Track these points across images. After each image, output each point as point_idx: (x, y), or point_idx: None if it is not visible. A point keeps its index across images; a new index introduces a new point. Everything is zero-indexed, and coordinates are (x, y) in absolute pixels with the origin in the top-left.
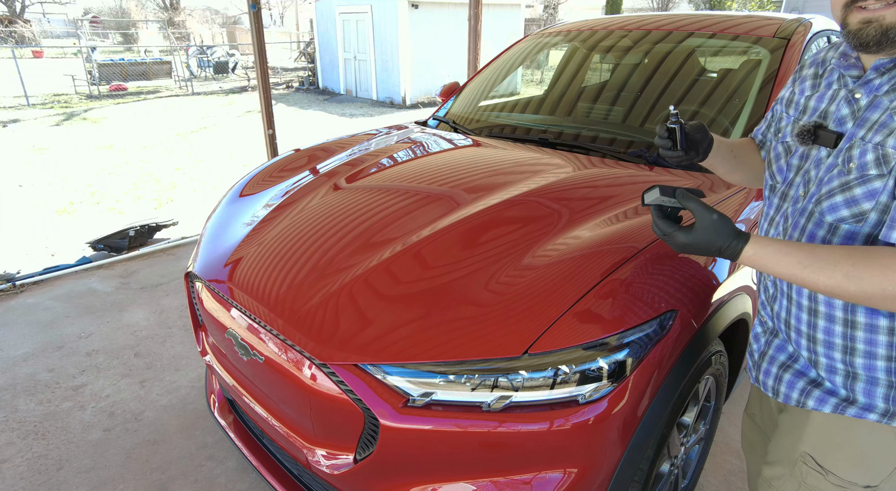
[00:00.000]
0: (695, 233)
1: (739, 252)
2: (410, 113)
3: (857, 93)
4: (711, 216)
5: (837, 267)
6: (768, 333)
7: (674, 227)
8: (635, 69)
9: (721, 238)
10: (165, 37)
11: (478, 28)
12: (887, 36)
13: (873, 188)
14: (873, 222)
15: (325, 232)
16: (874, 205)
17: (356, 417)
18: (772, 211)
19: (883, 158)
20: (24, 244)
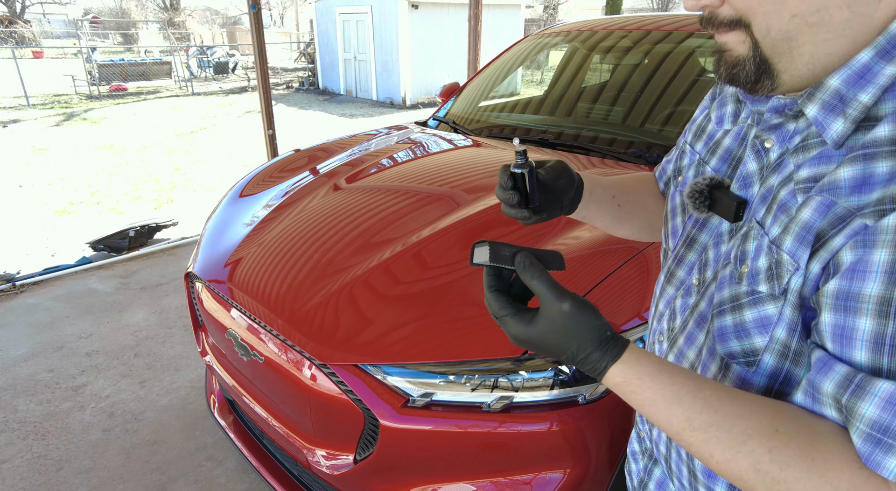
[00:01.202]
0: (536, 326)
1: (602, 371)
2: (410, 113)
3: (768, 140)
4: (561, 306)
5: (747, 446)
6: (646, 457)
7: (509, 308)
8: (635, 69)
9: (573, 343)
10: (165, 37)
11: (478, 28)
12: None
13: (765, 315)
14: (769, 371)
15: (325, 232)
16: (767, 342)
17: (356, 417)
18: (658, 295)
19: (776, 268)
20: (24, 244)
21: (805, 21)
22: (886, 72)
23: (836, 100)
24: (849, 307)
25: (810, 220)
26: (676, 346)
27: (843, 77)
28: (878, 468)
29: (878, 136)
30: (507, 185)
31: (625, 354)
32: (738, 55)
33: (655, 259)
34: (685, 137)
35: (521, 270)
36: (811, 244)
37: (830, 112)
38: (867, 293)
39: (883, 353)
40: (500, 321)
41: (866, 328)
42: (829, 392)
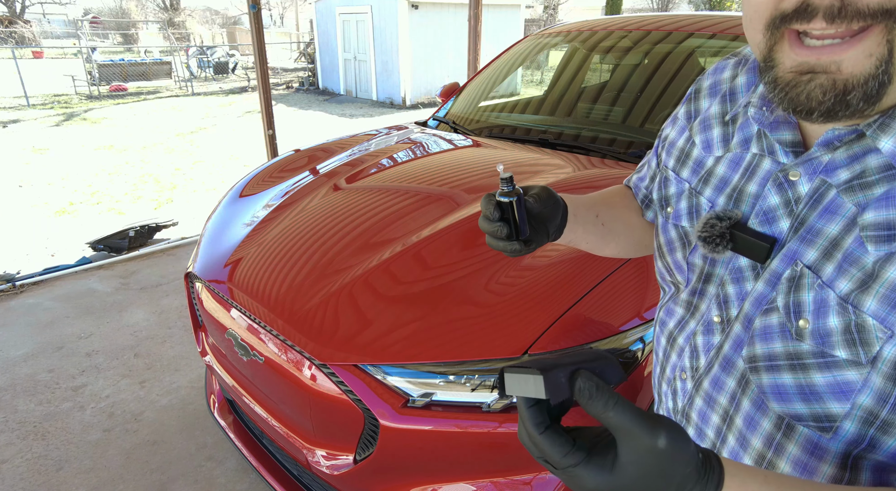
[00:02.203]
0: (621, 474)
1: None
2: (410, 113)
3: (793, 173)
4: (656, 442)
5: None
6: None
7: (577, 455)
8: (635, 70)
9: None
10: (165, 37)
11: (478, 28)
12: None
13: (844, 381)
14: (850, 438)
15: (324, 232)
16: (849, 409)
17: (356, 417)
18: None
19: (858, 333)
20: (24, 244)
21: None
22: None
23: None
24: None
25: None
26: (702, 389)
27: None
28: None
29: None
30: (494, 217)
31: (726, 478)
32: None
33: None
34: (665, 160)
35: (588, 400)
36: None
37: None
38: None
39: None
40: (565, 473)
41: None
42: None
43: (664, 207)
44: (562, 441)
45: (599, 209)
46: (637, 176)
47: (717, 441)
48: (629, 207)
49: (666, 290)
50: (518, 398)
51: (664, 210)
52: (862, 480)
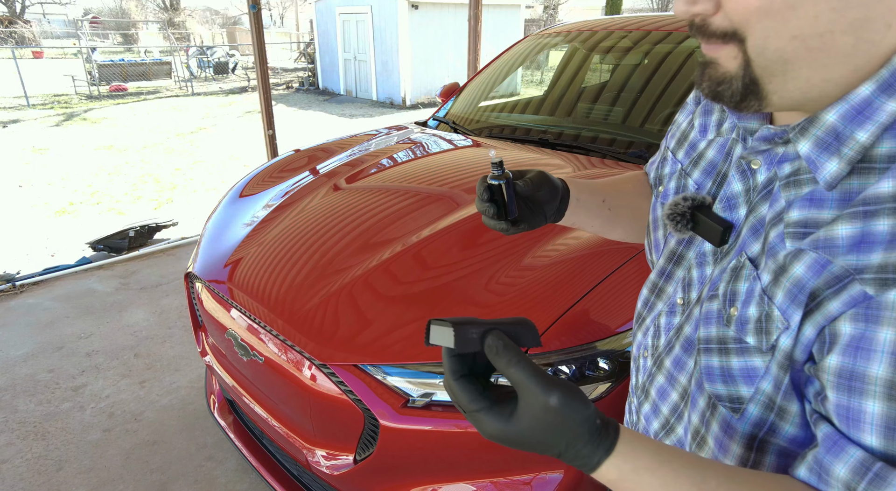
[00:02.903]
0: (517, 422)
1: (595, 466)
2: (410, 113)
3: (755, 162)
4: (548, 398)
5: None
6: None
7: (482, 401)
8: (635, 70)
9: (562, 440)
10: (165, 37)
11: (478, 28)
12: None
13: (752, 366)
14: (754, 420)
15: (324, 232)
16: (753, 393)
17: (356, 417)
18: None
19: (765, 322)
20: (23, 244)
21: (805, 44)
22: (887, 108)
23: (832, 137)
24: (854, 388)
25: (803, 279)
26: (664, 367)
27: (841, 112)
28: None
29: (881, 193)
30: (485, 197)
31: (619, 444)
32: (726, 71)
33: None
34: (668, 143)
35: (494, 356)
36: (804, 304)
37: (825, 150)
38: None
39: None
40: (470, 416)
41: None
42: (842, 478)
43: (657, 186)
44: (471, 389)
45: (607, 194)
46: (651, 160)
47: (671, 418)
48: (640, 193)
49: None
50: (442, 349)
51: (656, 188)
52: (767, 462)
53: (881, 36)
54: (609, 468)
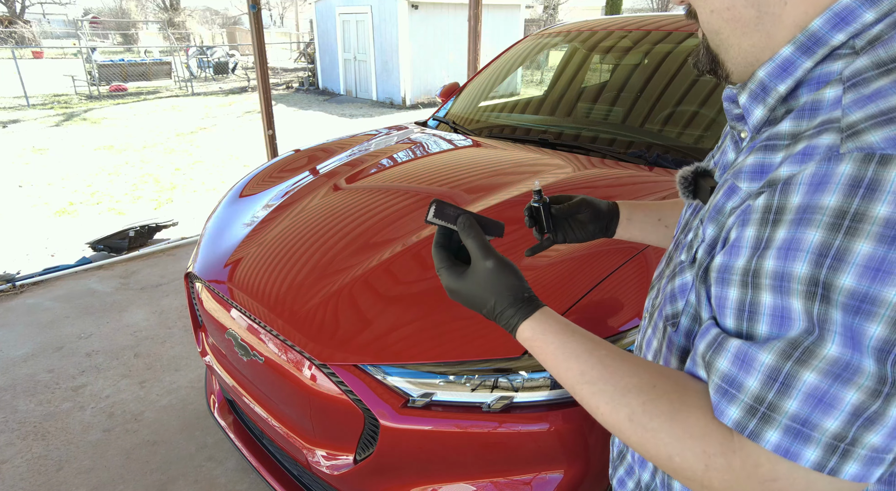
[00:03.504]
0: (464, 280)
1: (514, 327)
2: (410, 113)
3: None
4: (485, 262)
5: (626, 398)
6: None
7: (445, 262)
8: (635, 70)
9: (493, 297)
10: (165, 37)
11: (478, 29)
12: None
13: (684, 282)
14: (684, 331)
15: (324, 232)
16: (684, 306)
17: (356, 417)
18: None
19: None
20: (23, 244)
21: (721, 16)
22: (804, 65)
23: (760, 89)
24: (724, 279)
25: (719, 201)
26: (653, 319)
27: (768, 69)
28: (721, 416)
29: (781, 130)
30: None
31: (536, 313)
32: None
33: (655, 259)
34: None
35: (460, 229)
36: (715, 220)
37: (754, 100)
38: (737, 266)
39: (743, 318)
40: (439, 273)
41: (733, 297)
42: (701, 352)
43: None
44: (442, 255)
45: (664, 213)
46: None
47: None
48: None
49: None
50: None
51: None
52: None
53: (780, 9)
54: (524, 328)
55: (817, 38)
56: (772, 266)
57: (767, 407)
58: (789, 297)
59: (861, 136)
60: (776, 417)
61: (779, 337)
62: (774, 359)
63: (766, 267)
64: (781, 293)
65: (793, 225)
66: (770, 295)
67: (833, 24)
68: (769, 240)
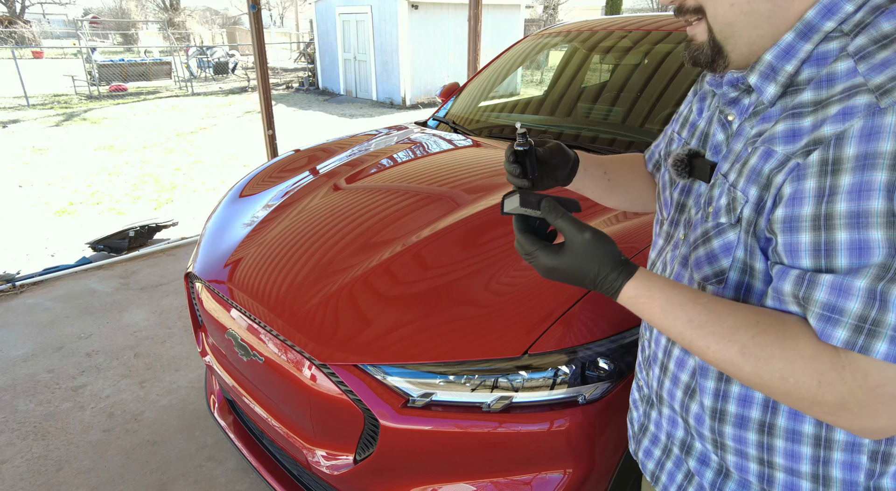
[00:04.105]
0: (563, 256)
1: (618, 289)
2: (410, 113)
3: (730, 114)
4: (583, 235)
5: (735, 335)
6: (645, 403)
7: (538, 244)
8: (635, 70)
9: (595, 266)
10: (165, 37)
11: (478, 29)
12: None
13: (728, 241)
14: (734, 284)
15: (324, 232)
16: (731, 262)
17: (356, 417)
18: (654, 253)
19: (732, 203)
20: (23, 245)
21: (740, 10)
22: (804, 48)
23: (769, 70)
24: (793, 227)
25: (756, 164)
26: None
27: (774, 53)
28: (829, 339)
29: (803, 100)
30: (510, 159)
31: (636, 273)
32: (700, 42)
33: None
34: (673, 127)
35: (547, 213)
36: (756, 182)
37: (765, 79)
38: (804, 214)
39: (820, 256)
40: (531, 256)
41: (806, 241)
42: (789, 291)
43: (665, 159)
44: (532, 238)
45: (609, 167)
46: (654, 143)
47: None
48: (636, 170)
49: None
50: (514, 217)
51: (665, 162)
52: None
53: (789, 3)
54: (628, 288)
55: (812, 26)
56: (844, 208)
57: (872, 323)
58: (867, 230)
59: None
60: (881, 330)
61: (866, 265)
62: (869, 282)
63: (837, 210)
64: (859, 228)
65: (857, 171)
66: (846, 232)
67: (823, 15)
68: (833, 187)
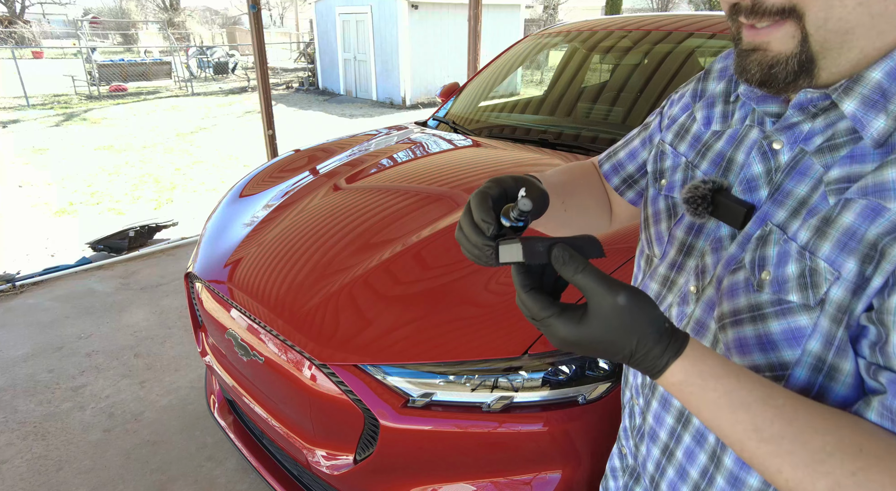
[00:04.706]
0: (588, 326)
1: (661, 369)
2: (410, 113)
3: (777, 141)
4: (616, 298)
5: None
6: (627, 475)
7: (552, 308)
8: (635, 70)
9: (632, 340)
10: (165, 37)
11: (477, 28)
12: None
13: (797, 327)
14: (800, 385)
15: (324, 232)
16: (800, 356)
17: (356, 417)
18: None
19: (810, 277)
20: (23, 244)
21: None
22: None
23: (878, 95)
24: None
25: (853, 226)
26: None
27: (886, 70)
28: None
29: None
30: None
31: (687, 348)
32: (780, 53)
33: None
34: (663, 136)
35: (562, 266)
36: (856, 251)
37: (871, 108)
38: None
39: None
40: (543, 323)
41: None
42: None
43: (658, 180)
44: (541, 298)
45: (566, 197)
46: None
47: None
48: (589, 193)
49: (640, 266)
50: (512, 266)
51: (657, 183)
52: None
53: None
54: (675, 370)
55: None
56: None
57: None
58: None
59: None
60: None
61: None
62: None
63: None
64: None
65: None
66: None
67: None
68: None
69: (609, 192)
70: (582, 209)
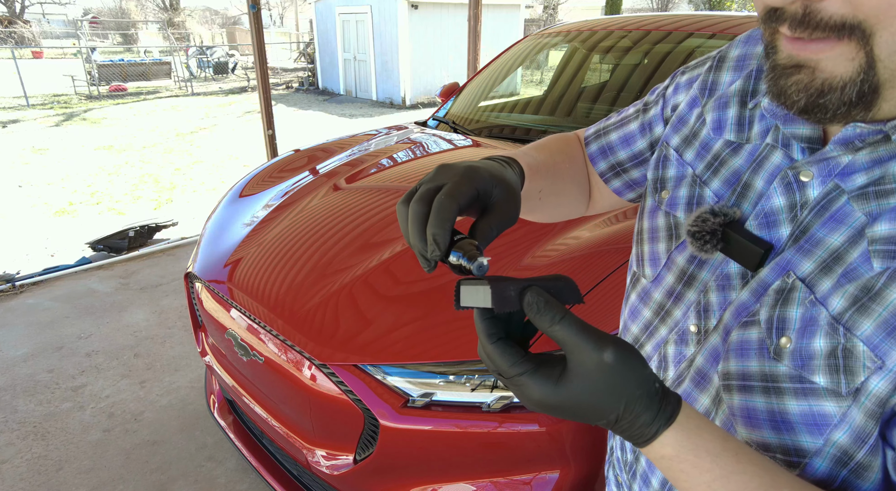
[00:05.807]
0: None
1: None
2: (410, 113)
3: (805, 173)
4: (602, 356)
5: None
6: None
7: (524, 365)
8: (635, 70)
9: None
10: (165, 37)
11: (477, 28)
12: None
13: (820, 412)
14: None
15: (324, 232)
16: (821, 446)
17: (356, 417)
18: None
19: (844, 359)
20: (23, 245)
21: None
22: None
23: None
24: None
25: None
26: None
27: None
28: None
29: None
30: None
31: (679, 415)
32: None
33: None
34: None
35: (536, 314)
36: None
37: None
38: None
39: None
40: (513, 382)
41: None
42: None
43: (658, 190)
44: (511, 351)
45: (544, 184)
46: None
47: None
48: (572, 176)
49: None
50: (475, 311)
51: (657, 193)
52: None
53: None
54: (666, 442)
55: None
56: None
57: None
58: None
59: None
60: None
61: None
62: None
63: None
64: None
65: None
66: None
67: None
68: None
69: (591, 175)
70: (558, 195)
